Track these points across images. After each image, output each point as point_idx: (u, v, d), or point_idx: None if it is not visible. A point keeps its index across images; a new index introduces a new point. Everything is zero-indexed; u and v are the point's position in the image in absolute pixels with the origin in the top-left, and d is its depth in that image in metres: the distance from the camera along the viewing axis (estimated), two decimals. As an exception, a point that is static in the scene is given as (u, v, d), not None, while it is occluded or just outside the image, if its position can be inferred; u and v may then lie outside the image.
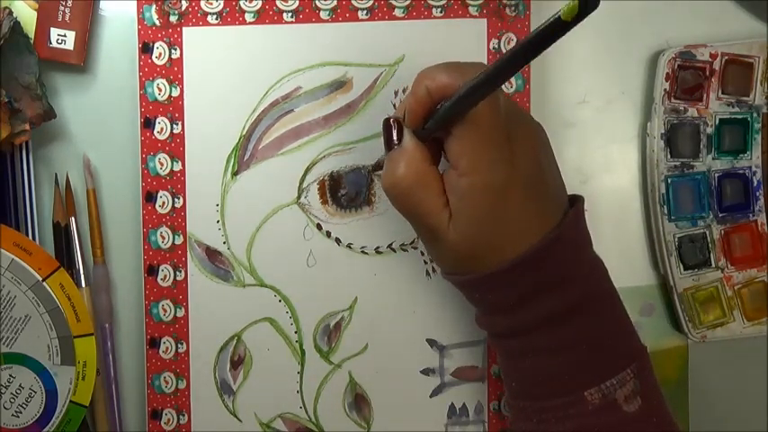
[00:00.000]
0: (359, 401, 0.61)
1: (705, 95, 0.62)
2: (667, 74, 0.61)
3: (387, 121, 0.51)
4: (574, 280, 0.49)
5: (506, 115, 0.48)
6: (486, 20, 0.59)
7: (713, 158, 0.62)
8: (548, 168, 0.50)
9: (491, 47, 0.59)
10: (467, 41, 0.59)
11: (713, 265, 0.63)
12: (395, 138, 0.51)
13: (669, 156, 0.62)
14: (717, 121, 0.62)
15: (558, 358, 0.50)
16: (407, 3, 0.59)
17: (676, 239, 0.62)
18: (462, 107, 0.46)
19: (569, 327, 0.50)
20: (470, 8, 0.59)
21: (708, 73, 0.61)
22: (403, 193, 0.50)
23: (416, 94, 0.49)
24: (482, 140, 0.47)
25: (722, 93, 0.62)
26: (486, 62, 0.59)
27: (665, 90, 0.61)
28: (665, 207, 0.62)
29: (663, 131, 0.61)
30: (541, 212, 0.49)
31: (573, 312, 0.49)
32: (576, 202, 0.51)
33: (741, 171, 0.63)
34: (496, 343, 0.53)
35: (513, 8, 0.59)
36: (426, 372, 0.61)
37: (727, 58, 0.62)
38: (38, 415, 0.56)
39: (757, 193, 0.63)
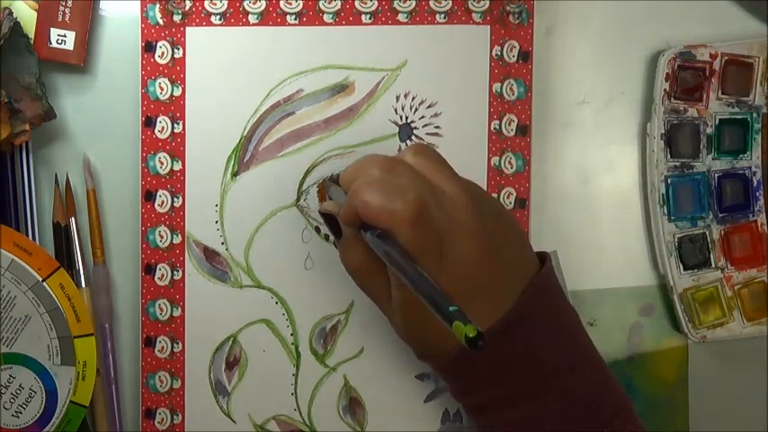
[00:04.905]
0: (353, 405, 0.63)
1: (705, 96, 0.64)
2: (667, 74, 0.62)
3: (322, 213, 0.55)
4: (525, 371, 0.50)
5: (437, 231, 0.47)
6: (489, 27, 0.61)
7: (713, 159, 0.64)
8: (489, 262, 0.49)
9: (494, 54, 0.61)
10: (469, 48, 0.61)
11: (713, 266, 0.65)
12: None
13: (669, 156, 0.64)
14: (717, 122, 0.64)
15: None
16: (411, 8, 0.60)
17: (676, 239, 0.64)
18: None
19: (540, 402, 0.50)
20: (474, 15, 0.61)
21: (708, 73, 0.63)
22: (355, 279, 0.52)
23: (349, 207, 0.48)
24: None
25: (722, 93, 0.64)
26: (487, 69, 0.61)
27: (664, 90, 0.63)
28: (665, 207, 0.64)
29: (663, 131, 0.63)
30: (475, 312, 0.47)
31: (537, 394, 0.50)
32: (539, 274, 0.51)
33: (741, 171, 0.65)
34: (471, 418, 0.55)
35: (516, 15, 0.61)
36: (421, 377, 0.63)
37: (726, 58, 0.63)
38: (38, 415, 0.58)
39: (757, 194, 0.65)
